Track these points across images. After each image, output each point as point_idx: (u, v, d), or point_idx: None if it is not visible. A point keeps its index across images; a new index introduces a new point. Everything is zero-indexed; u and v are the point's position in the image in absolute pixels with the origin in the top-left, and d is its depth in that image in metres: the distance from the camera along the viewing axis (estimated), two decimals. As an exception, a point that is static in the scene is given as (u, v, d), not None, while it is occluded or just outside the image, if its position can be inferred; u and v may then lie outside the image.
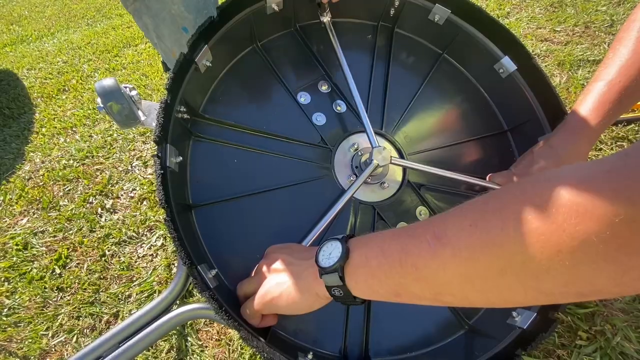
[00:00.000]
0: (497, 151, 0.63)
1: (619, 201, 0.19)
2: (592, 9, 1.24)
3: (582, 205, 0.20)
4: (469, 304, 0.28)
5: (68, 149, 1.08)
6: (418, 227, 0.30)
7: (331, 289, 0.33)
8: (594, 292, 0.22)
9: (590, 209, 0.20)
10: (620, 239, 0.19)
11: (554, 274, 0.22)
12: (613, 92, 0.48)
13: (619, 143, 0.84)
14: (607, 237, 0.19)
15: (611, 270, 0.20)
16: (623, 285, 0.20)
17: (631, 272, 0.19)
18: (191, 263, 0.37)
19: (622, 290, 0.21)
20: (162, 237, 0.80)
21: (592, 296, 0.22)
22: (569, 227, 0.20)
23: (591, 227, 0.20)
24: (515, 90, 0.61)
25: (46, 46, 1.88)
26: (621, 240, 0.19)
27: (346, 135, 0.57)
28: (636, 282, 0.20)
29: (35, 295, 0.72)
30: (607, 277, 0.20)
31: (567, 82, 1.00)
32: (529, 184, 0.24)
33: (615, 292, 0.21)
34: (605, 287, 0.21)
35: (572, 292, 0.22)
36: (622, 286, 0.20)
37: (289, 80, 0.57)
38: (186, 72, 0.46)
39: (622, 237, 0.19)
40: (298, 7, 0.57)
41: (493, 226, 0.24)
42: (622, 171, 0.19)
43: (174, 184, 0.42)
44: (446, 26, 0.62)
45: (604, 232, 0.19)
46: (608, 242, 0.19)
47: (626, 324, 0.56)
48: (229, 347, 0.62)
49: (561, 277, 0.22)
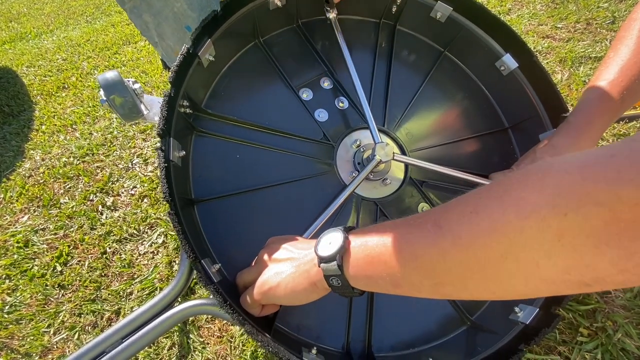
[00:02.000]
0: (498, 148, 0.63)
1: (622, 184, 0.18)
2: (594, 5, 1.24)
3: (584, 188, 0.20)
4: (468, 295, 0.28)
5: (68, 147, 1.08)
6: (419, 217, 0.30)
7: (329, 278, 0.33)
8: (596, 280, 0.21)
9: (593, 193, 0.19)
10: (623, 223, 0.19)
11: (555, 260, 0.21)
12: (614, 92, 0.48)
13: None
14: (610, 221, 0.19)
15: (614, 255, 0.20)
16: (627, 271, 0.20)
17: (634, 256, 0.19)
18: (195, 256, 0.37)
19: (626, 278, 0.20)
20: (163, 234, 0.80)
21: (595, 285, 0.22)
22: (570, 211, 0.20)
23: (594, 210, 0.19)
24: (517, 88, 0.61)
25: (45, 43, 1.87)
26: (624, 223, 0.19)
27: (348, 132, 0.57)
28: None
29: (37, 293, 0.72)
30: (610, 262, 0.20)
31: (568, 79, 1.00)
32: (532, 170, 0.24)
33: (619, 280, 0.21)
34: (608, 274, 0.21)
35: (574, 280, 0.22)
36: (626, 273, 0.20)
37: (291, 76, 0.57)
38: (189, 66, 0.46)
39: (625, 220, 0.19)
40: (301, 3, 0.57)
41: (494, 212, 0.24)
42: (626, 155, 0.19)
43: (176, 178, 0.42)
44: (448, 24, 0.62)
45: (606, 216, 0.19)
46: (611, 226, 0.19)
47: (627, 321, 0.57)
48: (231, 344, 0.62)
49: (563, 263, 0.21)
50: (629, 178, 0.18)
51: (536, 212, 0.22)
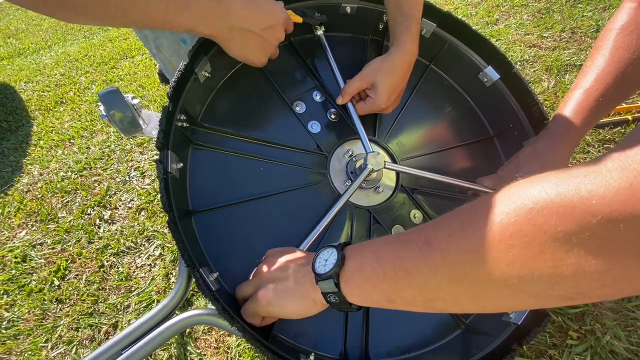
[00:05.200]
0: (484, 155, 0.66)
1: (595, 203, 0.19)
2: (579, 14, 1.28)
3: (561, 207, 0.21)
4: (461, 309, 0.29)
5: (66, 161, 1.09)
6: (411, 234, 0.31)
7: (327, 295, 0.34)
8: (579, 294, 0.22)
9: (570, 211, 0.20)
10: (599, 239, 0.19)
11: (538, 276, 0.22)
12: (591, 99, 0.51)
13: (606, 145, 0.86)
14: (587, 238, 0.20)
15: (593, 271, 0.20)
16: (607, 286, 0.21)
17: (612, 272, 0.20)
18: (193, 265, 0.38)
19: (607, 292, 0.21)
20: (160, 246, 0.80)
21: (579, 299, 0.23)
22: (549, 228, 0.21)
23: (570, 228, 0.20)
24: (500, 98, 0.64)
25: (43, 59, 1.90)
26: (600, 240, 0.19)
27: (340, 143, 0.59)
28: (619, 283, 0.20)
29: (35, 308, 0.72)
30: (590, 278, 0.21)
31: (555, 87, 1.03)
32: (514, 188, 0.25)
33: (600, 294, 0.22)
34: (589, 288, 0.21)
35: (558, 295, 0.23)
36: (606, 288, 0.21)
37: (285, 91, 0.59)
38: (186, 82, 0.48)
39: (601, 237, 0.19)
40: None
41: (479, 229, 0.25)
42: (597, 174, 0.20)
43: (174, 189, 0.43)
44: (432, 39, 0.65)
45: (583, 233, 0.20)
46: (588, 243, 0.20)
47: (615, 323, 0.58)
48: (227, 355, 0.62)
49: (546, 279, 0.22)
50: (600, 197, 0.19)
51: (517, 230, 0.22)
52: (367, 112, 0.57)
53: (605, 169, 0.20)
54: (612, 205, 0.19)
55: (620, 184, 0.19)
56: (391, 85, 0.54)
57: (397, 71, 0.54)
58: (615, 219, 0.19)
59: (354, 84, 0.55)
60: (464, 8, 1.50)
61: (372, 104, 0.55)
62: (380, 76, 0.54)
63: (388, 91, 0.54)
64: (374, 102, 0.55)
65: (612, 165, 0.20)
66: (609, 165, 0.20)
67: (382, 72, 0.54)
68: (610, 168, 0.20)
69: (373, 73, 0.54)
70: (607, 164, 0.20)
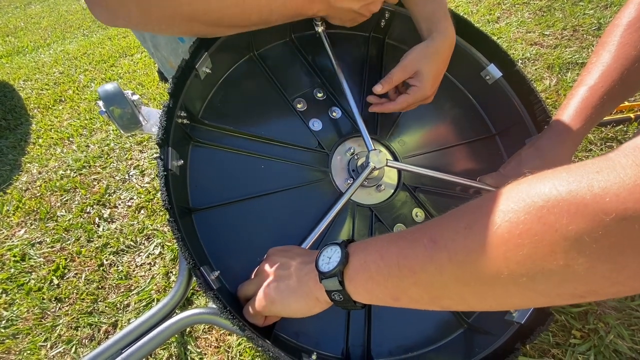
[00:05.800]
0: (486, 154, 0.65)
1: (608, 200, 0.19)
2: (580, 12, 1.27)
3: (573, 204, 0.20)
4: (467, 307, 0.28)
5: (65, 159, 1.08)
6: (416, 231, 0.30)
7: (331, 293, 0.33)
8: (590, 292, 0.22)
9: (582, 209, 0.20)
10: (613, 238, 0.19)
11: (548, 274, 0.22)
12: (595, 96, 0.50)
13: (609, 144, 0.86)
14: (600, 236, 0.19)
15: (606, 270, 0.20)
16: (619, 284, 0.20)
17: (626, 270, 0.19)
18: (194, 263, 0.37)
19: (619, 289, 0.21)
20: (160, 245, 0.80)
21: (590, 297, 0.22)
22: (561, 227, 0.20)
23: (583, 226, 0.20)
24: (502, 96, 0.64)
25: (42, 57, 1.89)
26: (613, 238, 0.19)
27: (342, 140, 0.59)
28: (632, 281, 0.20)
29: (34, 307, 0.72)
30: (602, 277, 0.20)
31: (556, 85, 1.03)
32: (523, 185, 0.24)
33: (611, 292, 0.21)
34: (601, 287, 0.21)
35: (569, 293, 0.22)
36: (618, 285, 0.20)
37: (286, 88, 0.59)
38: (187, 78, 0.47)
39: (614, 235, 0.19)
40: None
41: (487, 228, 0.24)
42: (611, 171, 0.20)
43: (175, 187, 0.42)
44: None
45: (596, 232, 0.19)
46: (601, 241, 0.19)
47: (619, 322, 0.57)
48: (228, 354, 0.62)
49: (556, 277, 0.22)
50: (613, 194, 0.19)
51: (527, 229, 0.22)
52: (411, 103, 0.55)
53: (619, 165, 0.19)
54: (626, 203, 0.18)
55: (636, 181, 0.18)
56: (437, 71, 0.53)
57: (443, 56, 0.53)
58: (630, 217, 0.18)
59: (396, 75, 0.53)
60: (465, 5, 1.50)
61: (417, 92, 0.53)
62: (425, 62, 0.52)
63: (434, 77, 0.53)
64: (418, 89, 0.53)
65: (625, 161, 0.19)
66: (622, 161, 0.19)
67: (427, 58, 0.52)
68: (625, 164, 0.19)
69: (416, 61, 0.52)
70: (621, 159, 0.20)
